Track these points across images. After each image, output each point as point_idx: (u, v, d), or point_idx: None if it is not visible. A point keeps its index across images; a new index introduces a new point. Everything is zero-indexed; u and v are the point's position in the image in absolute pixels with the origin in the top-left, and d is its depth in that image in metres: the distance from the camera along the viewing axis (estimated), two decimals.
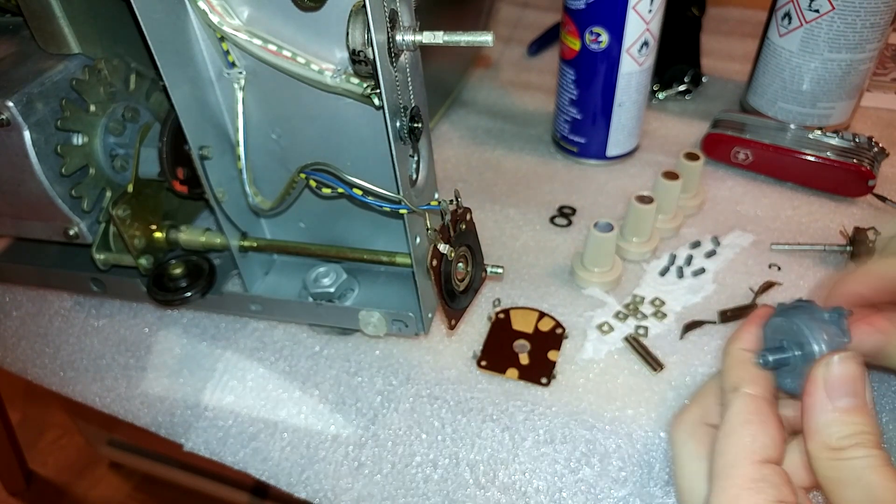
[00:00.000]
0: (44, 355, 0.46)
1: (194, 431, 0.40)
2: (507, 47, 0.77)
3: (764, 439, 0.24)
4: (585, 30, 0.51)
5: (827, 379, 0.23)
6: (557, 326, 0.44)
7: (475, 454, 0.38)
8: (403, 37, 0.29)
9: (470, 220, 0.37)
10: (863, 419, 0.23)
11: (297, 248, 0.42)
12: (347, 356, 0.43)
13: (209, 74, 0.36)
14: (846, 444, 0.22)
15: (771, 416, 0.25)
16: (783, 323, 0.27)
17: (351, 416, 0.40)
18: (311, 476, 0.38)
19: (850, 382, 0.23)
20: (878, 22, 0.51)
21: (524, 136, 0.63)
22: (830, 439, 0.23)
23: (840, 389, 0.23)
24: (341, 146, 0.37)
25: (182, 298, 0.42)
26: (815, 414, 0.23)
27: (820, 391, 0.23)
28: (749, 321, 0.28)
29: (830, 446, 0.23)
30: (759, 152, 0.54)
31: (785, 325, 0.27)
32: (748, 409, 0.25)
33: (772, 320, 0.28)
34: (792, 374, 0.26)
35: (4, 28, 0.43)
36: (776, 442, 0.24)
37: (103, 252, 0.42)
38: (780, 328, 0.27)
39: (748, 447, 0.24)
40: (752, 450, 0.24)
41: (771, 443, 0.24)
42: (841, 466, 0.22)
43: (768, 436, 0.24)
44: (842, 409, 0.23)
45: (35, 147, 0.37)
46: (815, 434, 0.23)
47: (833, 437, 0.23)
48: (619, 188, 0.56)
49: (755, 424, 0.24)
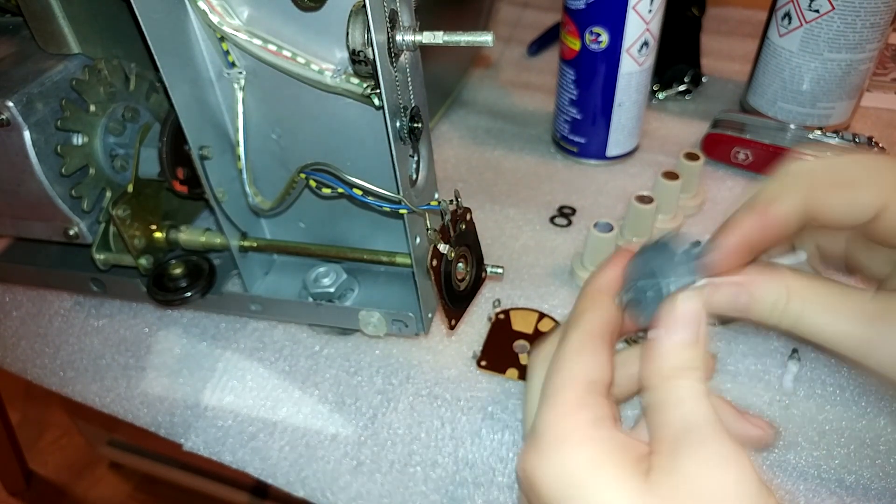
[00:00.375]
0: (44, 355, 0.46)
1: (194, 431, 0.40)
2: (507, 47, 0.77)
3: (591, 366, 0.26)
4: (585, 30, 0.51)
5: (668, 315, 0.25)
6: (557, 327, 0.44)
7: (475, 453, 0.38)
8: (403, 37, 0.29)
9: (470, 221, 0.37)
10: (694, 354, 0.25)
11: (297, 249, 0.42)
12: (347, 356, 0.43)
13: (209, 74, 0.36)
14: (675, 373, 0.24)
15: (601, 348, 0.26)
16: (640, 262, 0.28)
17: (350, 416, 0.40)
18: (310, 475, 0.38)
19: (687, 320, 0.25)
20: (878, 22, 0.51)
21: (524, 136, 0.63)
22: (662, 368, 0.25)
23: (678, 325, 0.25)
24: (341, 146, 0.37)
25: (182, 298, 0.42)
26: (654, 345, 0.25)
27: (661, 326, 0.25)
28: (610, 261, 0.30)
29: (661, 374, 0.25)
30: (759, 152, 0.54)
31: (641, 264, 0.28)
32: (581, 339, 0.26)
33: (632, 260, 0.29)
34: (645, 310, 0.28)
35: (4, 28, 0.43)
36: (603, 369, 0.26)
37: (103, 252, 0.42)
38: (638, 268, 0.28)
39: (574, 372, 0.25)
40: (578, 375, 0.25)
41: (597, 369, 0.26)
42: (666, 391, 0.24)
43: (596, 363, 0.26)
44: (676, 343, 0.25)
45: (35, 147, 0.37)
46: (650, 362, 0.25)
47: (665, 366, 0.25)
48: (619, 188, 0.56)
49: (584, 353, 0.26)
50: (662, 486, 0.22)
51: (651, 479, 0.22)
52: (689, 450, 0.22)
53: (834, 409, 0.38)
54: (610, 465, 0.23)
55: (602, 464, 0.23)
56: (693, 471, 0.22)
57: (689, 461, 0.22)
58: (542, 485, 0.24)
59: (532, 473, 0.24)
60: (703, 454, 0.22)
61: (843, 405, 0.39)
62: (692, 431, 0.23)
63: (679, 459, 0.22)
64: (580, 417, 0.24)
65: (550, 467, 0.24)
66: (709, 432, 0.23)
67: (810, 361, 0.41)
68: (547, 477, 0.24)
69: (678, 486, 0.22)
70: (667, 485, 0.22)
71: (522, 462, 0.25)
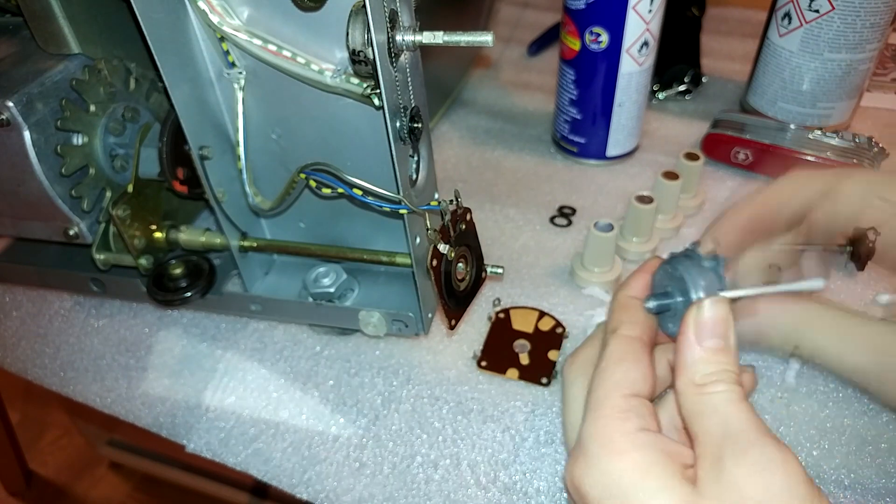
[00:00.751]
0: (44, 355, 0.46)
1: (196, 432, 0.40)
2: (507, 47, 0.77)
3: (634, 375, 0.26)
4: (585, 30, 0.51)
5: (697, 321, 0.25)
6: (557, 326, 0.44)
7: (476, 454, 0.38)
8: (403, 37, 0.29)
9: (470, 221, 0.37)
10: (726, 359, 0.25)
11: (297, 249, 0.42)
12: (348, 357, 0.43)
13: (209, 74, 0.36)
14: (708, 380, 0.24)
15: (642, 356, 0.27)
16: (668, 270, 0.28)
17: (352, 417, 0.40)
18: (313, 477, 0.38)
19: (717, 325, 0.25)
20: (878, 22, 0.51)
21: (524, 136, 0.63)
22: (695, 376, 0.24)
23: (708, 331, 0.25)
24: (341, 146, 0.37)
25: (182, 298, 0.42)
26: (684, 352, 0.25)
27: (690, 332, 0.25)
28: (639, 269, 0.30)
29: (695, 382, 0.24)
30: (758, 152, 0.54)
31: (670, 272, 0.28)
32: (622, 348, 0.27)
33: (661, 267, 0.29)
34: (674, 318, 0.28)
35: (4, 28, 0.43)
36: (645, 378, 0.26)
37: (103, 252, 0.42)
38: (666, 275, 0.28)
39: (618, 382, 0.26)
40: (622, 384, 0.26)
41: (640, 378, 0.26)
42: (702, 400, 0.24)
43: (638, 372, 0.26)
44: (707, 349, 0.25)
45: (35, 147, 0.37)
46: (683, 370, 0.25)
47: (698, 373, 0.24)
48: (618, 188, 0.56)
49: (627, 362, 0.26)
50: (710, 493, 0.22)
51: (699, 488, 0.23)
52: (734, 457, 0.22)
53: (836, 406, 0.38)
54: (657, 472, 0.23)
55: (649, 471, 0.23)
56: (740, 477, 0.22)
57: (735, 468, 0.22)
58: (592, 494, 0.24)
59: (581, 483, 0.24)
60: (748, 459, 0.22)
61: (845, 402, 0.39)
62: (734, 438, 0.23)
63: (724, 467, 0.22)
64: (626, 426, 0.24)
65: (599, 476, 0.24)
66: (751, 437, 0.23)
67: None
68: (596, 486, 0.24)
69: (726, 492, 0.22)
70: (715, 492, 0.22)
71: (570, 472, 0.25)
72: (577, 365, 0.29)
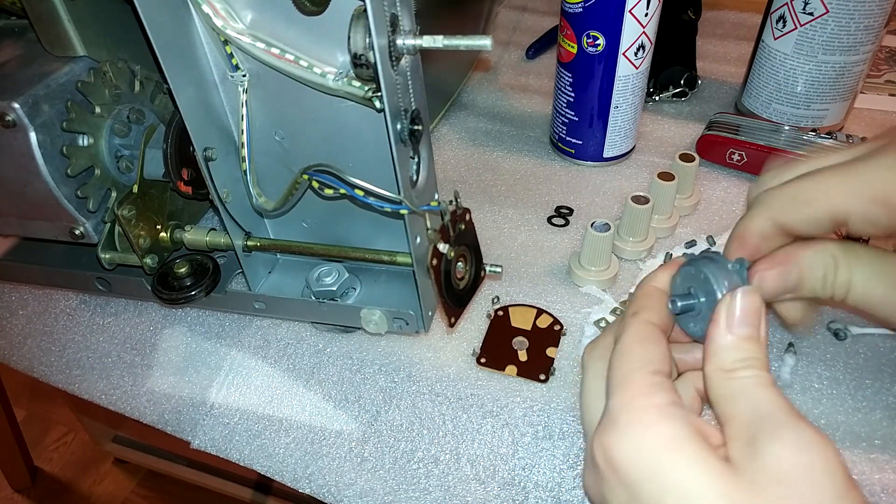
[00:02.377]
0: (50, 353, 0.47)
1: (201, 429, 0.41)
2: (505, 51, 0.78)
3: (656, 354, 0.26)
4: (582, 33, 0.52)
5: (729, 310, 0.26)
6: (555, 323, 0.44)
7: (476, 450, 0.38)
8: (404, 41, 0.29)
9: (469, 221, 0.38)
10: (756, 347, 0.25)
11: (300, 248, 0.43)
12: (350, 354, 0.44)
13: (213, 77, 0.37)
14: (738, 365, 0.25)
15: (662, 339, 0.27)
16: (692, 271, 0.29)
17: (354, 413, 0.41)
18: (316, 471, 0.38)
19: (749, 315, 0.25)
20: (871, 24, 0.52)
21: (522, 137, 0.64)
22: (725, 362, 0.25)
23: (739, 320, 0.25)
24: (343, 148, 0.37)
25: (187, 297, 0.43)
26: (715, 340, 0.25)
27: (722, 321, 0.25)
28: (665, 266, 0.31)
29: (725, 368, 0.25)
30: (753, 153, 0.55)
31: (693, 273, 0.28)
32: (643, 330, 0.27)
33: (682, 269, 0.29)
34: (696, 318, 0.28)
35: (10, 31, 0.44)
36: (666, 358, 0.26)
37: (109, 251, 0.43)
38: (689, 276, 0.29)
39: (641, 360, 0.26)
40: (644, 362, 0.26)
41: (662, 357, 0.26)
42: (731, 384, 0.24)
43: (660, 351, 0.26)
44: (738, 336, 0.25)
45: (41, 148, 0.38)
46: (713, 357, 0.25)
47: (728, 359, 0.25)
48: (615, 189, 0.56)
49: (648, 343, 0.27)
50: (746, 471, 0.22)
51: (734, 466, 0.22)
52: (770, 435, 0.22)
53: (830, 402, 0.39)
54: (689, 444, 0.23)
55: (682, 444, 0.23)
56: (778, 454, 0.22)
57: (773, 445, 0.22)
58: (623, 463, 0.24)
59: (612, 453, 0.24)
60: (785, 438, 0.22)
61: (839, 399, 0.39)
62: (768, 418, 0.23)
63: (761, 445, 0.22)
64: (654, 399, 0.24)
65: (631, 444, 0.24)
66: (785, 418, 0.23)
67: (806, 355, 0.41)
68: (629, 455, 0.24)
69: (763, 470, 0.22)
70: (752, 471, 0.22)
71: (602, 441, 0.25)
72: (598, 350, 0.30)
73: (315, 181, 0.35)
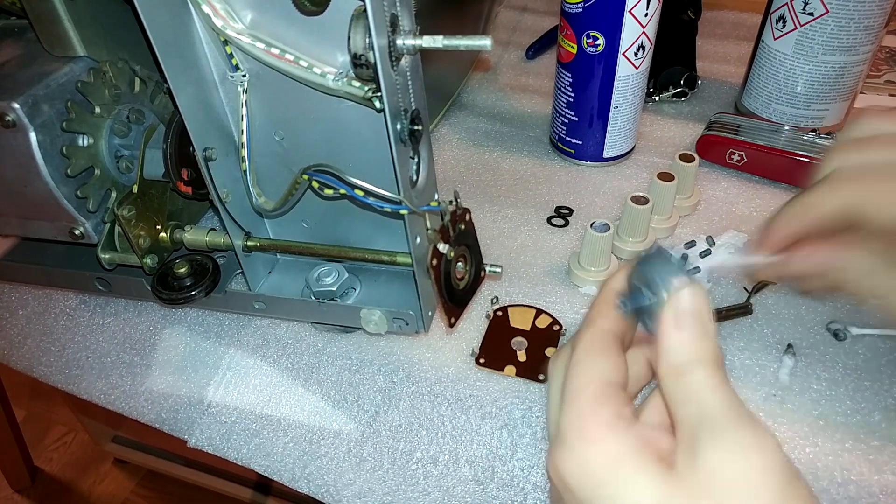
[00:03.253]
0: (49, 353, 0.47)
1: (198, 428, 0.41)
2: (505, 51, 0.78)
3: (605, 365, 0.26)
4: (582, 33, 0.52)
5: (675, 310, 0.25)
6: (554, 323, 0.44)
7: (474, 450, 0.38)
8: (404, 41, 0.29)
9: (469, 221, 0.38)
10: (703, 345, 0.25)
11: (300, 248, 0.43)
12: (349, 354, 0.44)
13: (213, 77, 0.37)
14: (688, 368, 0.24)
15: (613, 345, 0.27)
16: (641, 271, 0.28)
17: (353, 413, 0.41)
18: (314, 471, 0.38)
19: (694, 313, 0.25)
20: (871, 25, 0.52)
21: (522, 138, 0.64)
22: (674, 363, 0.25)
23: (686, 319, 0.25)
24: (343, 148, 0.37)
25: (186, 297, 0.43)
26: (664, 340, 0.25)
27: (669, 321, 0.25)
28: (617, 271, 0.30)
29: (674, 369, 0.25)
30: (753, 154, 0.55)
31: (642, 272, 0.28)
32: (593, 340, 0.27)
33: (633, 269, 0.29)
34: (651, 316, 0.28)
35: (10, 31, 0.44)
36: (617, 367, 0.26)
37: (108, 252, 0.43)
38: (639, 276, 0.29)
39: (591, 372, 0.26)
40: (594, 373, 0.26)
41: (612, 367, 0.26)
42: (681, 387, 0.24)
43: (610, 361, 0.26)
44: (685, 336, 0.25)
45: (41, 148, 0.38)
46: (661, 358, 0.25)
47: (676, 361, 0.25)
48: (615, 189, 0.56)
49: (598, 353, 0.26)
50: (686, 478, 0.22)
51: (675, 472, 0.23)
52: (710, 441, 0.22)
53: (829, 404, 0.39)
54: (633, 458, 0.23)
55: (625, 457, 0.23)
56: (714, 460, 0.22)
57: (710, 451, 0.22)
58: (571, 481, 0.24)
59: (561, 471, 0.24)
60: (722, 443, 0.22)
61: (838, 400, 0.39)
62: (709, 422, 0.23)
63: (700, 450, 0.22)
64: (600, 414, 0.24)
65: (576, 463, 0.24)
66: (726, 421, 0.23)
67: (805, 356, 0.41)
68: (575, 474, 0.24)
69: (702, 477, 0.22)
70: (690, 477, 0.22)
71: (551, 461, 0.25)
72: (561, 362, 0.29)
73: (315, 181, 0.35)
